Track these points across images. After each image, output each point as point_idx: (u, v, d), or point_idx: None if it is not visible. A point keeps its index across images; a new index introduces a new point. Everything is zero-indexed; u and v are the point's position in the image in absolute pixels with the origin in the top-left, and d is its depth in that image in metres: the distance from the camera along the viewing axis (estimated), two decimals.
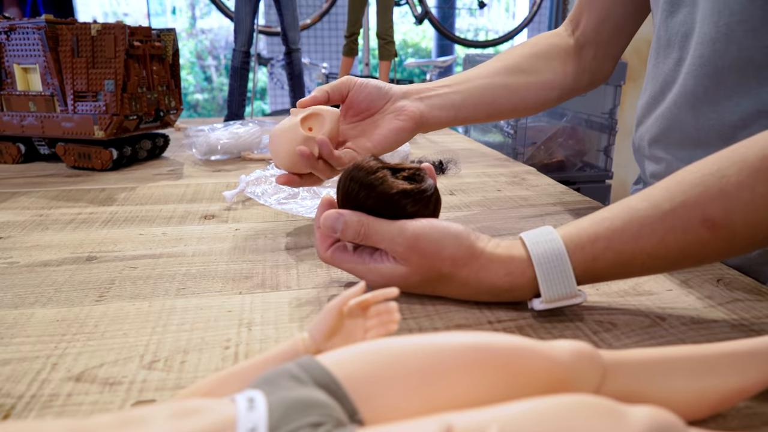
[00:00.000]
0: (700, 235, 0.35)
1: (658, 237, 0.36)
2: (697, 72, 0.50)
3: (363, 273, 0.41)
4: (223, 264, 0.49)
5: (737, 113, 0.47)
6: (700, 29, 0.49)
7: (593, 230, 0.37)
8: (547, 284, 0.37)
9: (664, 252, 0.36)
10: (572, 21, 0.68)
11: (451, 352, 0.23)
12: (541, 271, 0.37)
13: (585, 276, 0.38)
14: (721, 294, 0.43)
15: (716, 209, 0.35)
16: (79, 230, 0.58)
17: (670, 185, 0.37)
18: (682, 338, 0.37)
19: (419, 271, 0.39)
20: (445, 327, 0.38)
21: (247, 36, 1.12)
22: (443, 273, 0.39)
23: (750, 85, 0.46)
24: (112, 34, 0.80)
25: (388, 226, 0.39)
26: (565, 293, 0.37)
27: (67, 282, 0.46)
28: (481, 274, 0.38)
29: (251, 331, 0.38)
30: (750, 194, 0.34)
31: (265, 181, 0.72)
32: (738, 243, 0.36)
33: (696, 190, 0.36)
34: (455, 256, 0.38)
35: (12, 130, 0.87)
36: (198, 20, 6.20)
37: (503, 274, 0.38)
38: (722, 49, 0.47)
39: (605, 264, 0.37)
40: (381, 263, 0.40)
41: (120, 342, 0.36)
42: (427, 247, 0.38)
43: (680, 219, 0.36)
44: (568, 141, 1.63)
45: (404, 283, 0.40)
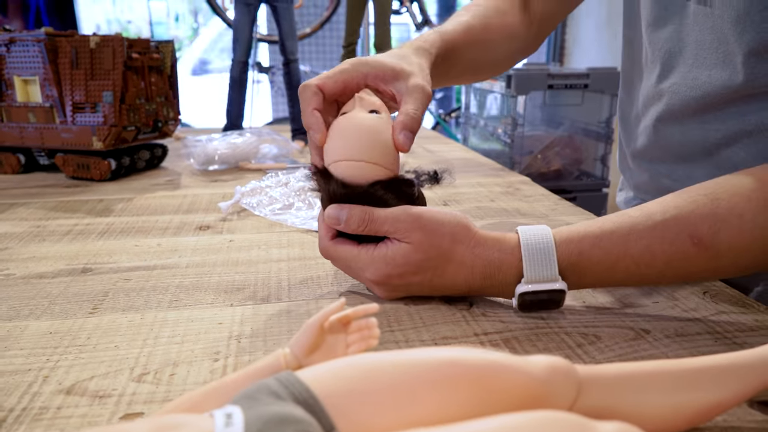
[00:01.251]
0: (686, 249, 0.37)
1: (645, 243, 0.38)
2: (685, 94, 0.50)
3: (366, 263, 0.41)
4: (216, 276, 0.50)
5: (721, 131, 0.48)
6: (693, 53, 0.50)
7: (584, 229, 0.40)
8: (530, 264, 0.39)
9: (649, 259, 0.38)
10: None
11: (426, 368, 0.24)
12: (526, 251, 0.39)
13: (570, 270, 0.39)
14: (706, 306, 0.44)
15: (705, 228, 0.37)
16: (76, 242, 0.59)
17: (666, 200, 0.39)
18: (664, 351, 0.37)
19: (421, 248, 0.40)
20: (432, 339, 0.39)
21: (246, 46, 1.13)
22: (443, 250, 0.40)
23: (736, 105, 0.46)
24: (110, 46, 0.81)
25: (391, 210, 0.41)
26: (547, 276, 0.39)
27: (62, 294, 0.46)
28: (477, 249, 0.40)
29: (240, 343, 0.39)
30: (738, 220, 0.36)
31: (260, 192, 0.72)
32: (722, 264, 0.37)
33: (689, 208, 0.37)
34: (454, 232, 0.40)
35: (12, 141, 0.88)
36: (200, 27, 6.24)
37: (496, 250, 0.40)
38: (716, 74, 0.47)
39: (591, 262, 0.39)
40: (385, 247, 0.41)
41: (111, 354, 0.37)
42: (429, 224, 0.40)
43: (669, 231, 0.37)
44: (565, 150, 1.64)
45: (405, 261, 0.40)
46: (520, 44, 0.69)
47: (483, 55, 0.64)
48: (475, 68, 0.65)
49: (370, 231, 0.41)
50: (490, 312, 0.43)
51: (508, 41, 0.67)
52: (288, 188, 0.74)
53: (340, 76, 0.46)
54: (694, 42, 0.49)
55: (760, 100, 0.45)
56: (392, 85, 0.46)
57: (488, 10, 0.65)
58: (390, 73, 0.46)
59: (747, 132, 0.46)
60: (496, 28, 0.65)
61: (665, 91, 0.53)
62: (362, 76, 0.46)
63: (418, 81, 0.46)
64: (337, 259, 0.44)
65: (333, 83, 0.45)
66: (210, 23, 5.99)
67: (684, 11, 0.50)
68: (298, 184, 0.74)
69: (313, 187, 0.45)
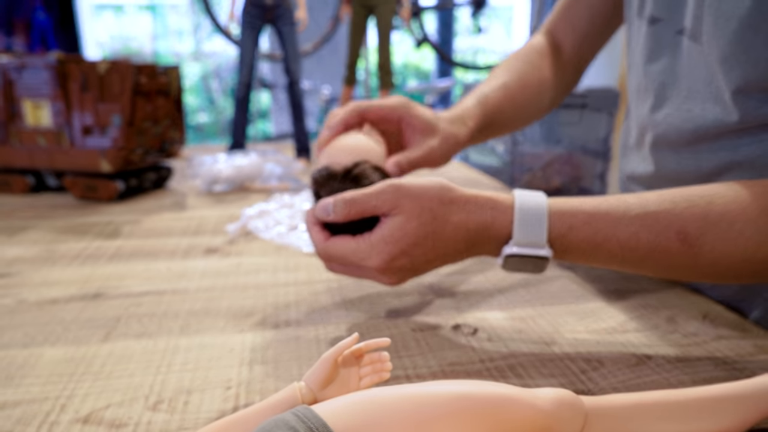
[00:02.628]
0: (671, 242, 0.39)
1: (633, 230, 0.40)
2: (679, 126, 0.51)
3: (366, 251, 0.41)
4: (226, 300, 0.51)
5: (714, 161, 0.49)
6: (686, 86, 0.51)
7: (579, 205, 0.41)
8: (521, 227, 0.40)
9: (634, 244, 0.40)
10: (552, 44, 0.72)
11: (440, 402, 0.25)
12: (519, 213, 0.40)
13: (558, 242, 0.41)
14: (706, 331, 0.44)
15: (693, 226, 0.39)
16: (86, 265, 0.60)
17: (664, 194, 0.41)
18: (666, 377, 0.38)
19: (413, 214, 0.40)
20: (439, 366, 0.40)
21: (250, 68, 1.15)
22: (435, 213, 0.40)
23: (729, 137, 0.48)
24: (119, 71, 0.82)
25: (373, 186, 0.42)
26: (535, 241, 0.40)
27: (75, 320, 0.47)
28: (469, 206, 0.41)
29: (252, 370, 0.40)
30: (727, 226, 0.38)
31: (266, 215, 0.74)
32: (700, 264, 0.39)
33: (683, 205, 0.39)
34: (440, 194, 0.41)
35: (21, 163, 0.89)
36: (202, 43, 6.29)
37: (489, 208, 0.41)
38: (709, 108, 0.48)
39: (579, 238, 0.41)
40: (379, 230, 0.41)
41: (126, 382, 0.38)
42: (413, 190, 0.40)
43: (658, 222, 0.39)
44: (565, 167, 1.65)
45: (404, 233, 0.40)
46: (554, 94, 0.71)
47: (520, 114, 0.67)
48: (511, 125, 0.68)
49: (358, 212, 0.41)
50: (494, 337, 0.44)
51: (544, 94, 0.69)
52: (292, 210, 0.75)
53: (384, 106, 0.50)
54: (687, 75, 0.51)
55: (751, 134, 0.46)
56: (414, 134, 0.51)
57: (524, 65, 0.67)
58: (421, 126, 0.51)
59: (738, 163, 0.48)
60: (532, 85, 0.67)
61: (660, 121, 0.54)
62: (398, 116, 0.51)
63: (432, 144, 0.51)
64: (337, 257, 0.43)
65: (376, 110, 0.50)
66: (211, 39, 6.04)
67: (677, 46, 0.52)
68: (303, 205, 0.75)
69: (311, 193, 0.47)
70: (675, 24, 0.52)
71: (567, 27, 0.71)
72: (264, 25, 1.16)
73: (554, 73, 0.70)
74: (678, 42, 0.52)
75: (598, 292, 0.52)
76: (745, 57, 0.43)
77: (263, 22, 1.15)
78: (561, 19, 0.72)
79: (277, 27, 1.16)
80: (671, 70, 0.53)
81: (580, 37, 0.70)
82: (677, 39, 0.52)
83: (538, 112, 0.71)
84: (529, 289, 0.53)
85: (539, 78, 0.68)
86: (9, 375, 0.39)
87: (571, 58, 0.72)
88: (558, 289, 0.53)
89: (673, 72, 0.53)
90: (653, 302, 0.50)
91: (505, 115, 0.64)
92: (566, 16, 0.71)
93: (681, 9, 0.51)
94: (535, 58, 0.69)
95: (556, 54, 0.71)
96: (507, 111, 0.64)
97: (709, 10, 0.45)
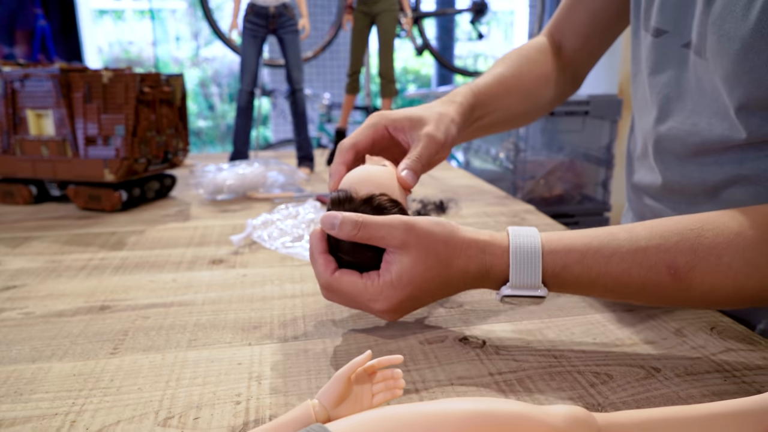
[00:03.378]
0: (662, 277, 0.40)
1: (625, 267, 0.41)
2: (685, 139, 0.52)
3: (374, 294, 0.42)
4: (232, 313, 0.51)
5: (719, 174, 0.49)
6: (692, 99, 0.51)
7: (571, 242, 0.42)
8: (516, 271, 0.42)
9: (626, 280, 0.41)
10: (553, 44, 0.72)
11: (454, 420, 0.25)
12: (514, 258, 0.42)
13: (552, 280, 0.42)
14: (714, 343, 0.45)
15: (683, 261, 0.39)
16: (92, 277, 0.60)
17: (654, 226, 0.41)
18: (675, 390, 0.38)
19: (420, 258, 0.41)
20: (448, 380, 0.40)
21: (253, 77, 1.15)
22: (441, 257, 0.42)
23: (734, 151, 0.48)
24: (123, 81, 0.83)
25: (383, 218, 0.42)
26: (530, 283, 0.42)
27: (82, 333, 0.47)
28: (470, 251, 0.42)
29: (261, 384, 0.39)
30: (716, 260, 0.39)
31: (270, 225, 0.74)
32: (692, 296, 0.40)
33: (673, 239, 0.40)
34: (446, 237, 0.42)
35: (24, 173, 0.90)
36: (201, 49, 6.30)
37: (487, 254, 0.42)
38: (716, 123, 0.49)
39: (573, 275, 0.42)
40: (387, 273, 0.42)
41: (135, 397, 0.38)
42: (422, 231, 0.41)
43: (649, 258, 0.40)
44: (567, 175, 1.66)
45: (411, 279, 0.41)
46: (555, 90, 0.71)
47: (517, 105, 0.67)
48: (511, 117, 0.68)
49: (364, 236, 0.41)
50: (503, 350, 0.44)
51: (543, 89, 0.69)
52: (297, 220, 0.75)
53: (368, 132, 0.51)
54: (692, 90, 0.51)
55: (757, 149, 0.46)
56: (408, 134, 0.51)
57: (521, 59, 0.68)
58: (407, 123, 0.51)
59: (743, 176, 0.48)
60: (529, 77, 0.67)
61: (664, 133, 0.54)
62: (383, 128, 0.51)
63: (428, 130, 0.51)
64: (341, 294, 0.43)
65: (364, 138, 0.51)
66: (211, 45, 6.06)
67: (683, 59, 0.52)
68: (308, 216, 0.75)
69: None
70: (680, 37, 0.52)
71: (568, 30, 0.71)
72: (267, 34, 1.16)
73: (555, 71, 0.70)
74: (683, 55, 0.52)
75: (605, 303, 0.52)
76: (748, 78, 0.43)
77: (266, 30, 1.15)
78: (562, 23, 0.72)
79: (280, 35, 1.16)
80: (676, 83, 0.53)
81: (581, 41, 0.71)
82: (683, 52, 0.52)
83: (540, 105, 0.71)
84: None
85: (538, 72, 0.68)
86: (18, 390, 0.39)
87: (571, 60, 0.72)
88: (565, 300, 0.53)
89: (678, 85, 0.53)
90: (660, 314, 0.50)
91: (501, 101, 0.63)
92: (568, 20, 0.71)
93: (686, 22, 0.51)
94: (534, 54, 0.69)
95: (556, 54, 0.72)
96: (503, 97, 0.64)
97: (713, 29, 0.45)
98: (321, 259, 0.44)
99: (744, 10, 0.42)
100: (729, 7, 0.44)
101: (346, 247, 0.43)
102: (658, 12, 0.53)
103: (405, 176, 0.47)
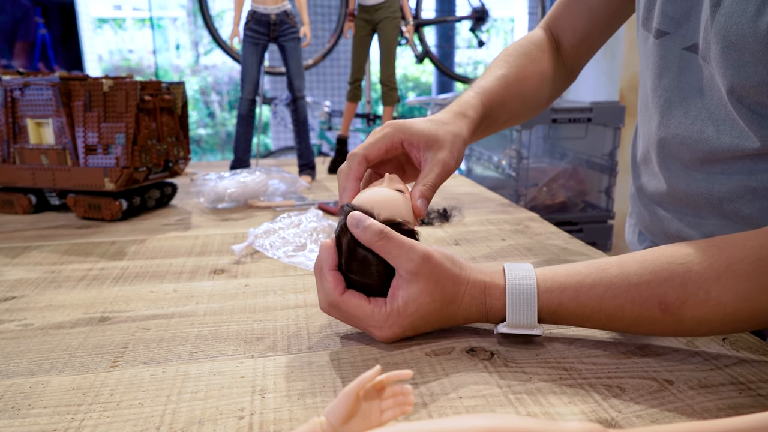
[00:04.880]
0: (653, 313, 0.41)
1: (618, 303, 0.42)
2: (692, 146, 0.51)
3: (380, 321, 0.43)
4: (235, 324, 0.50)
5: (727, 185, 0.48)
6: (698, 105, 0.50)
7: (565, 280, 0.43)
8: (513, 312, 0.43)
9: (620, 316, 0.42)
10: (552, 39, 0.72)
11: None
12: (510, 300, 0.43)
13: (548, 316, 0.44)
14: (727, 354, 0.44)
15: (673, 296, 0.40)
16: (92, 288, 0.59)
17: (645, 260, 0.42)
18: (690, 404, 0.37)
19: (427, 289, 0.42)
20: (456, 392, 0.39)
21: (254, 85, 1.15)
22: (446, 292, 0.43)
23: (744, 162, 0.47)
24: (123, 89, 0.82)
25: (406, 239, 0.43)
26: (526, 323, 0.43)
27: (81, 346, 0.46)
28: (473, 291, 0.44)
29: (264, 399, 0.39)
30: (705, 295, 0.39)
31: (272, 233, 0.73)
32: (683, 329, 0.41)
33: (663, 275, 0.41)
34: (455, 275, 0.44)
35: (24, 182, 0.89)
36: (201, 57, 6.32)
37: (487, 295, 0.44)
38: (725, 130, 0.48)
39: (568, 312, 0.43)
40: (394, 300, 0.43)
41: (135, 412, 0.37)
42: (437, 264, 0.43)
43: (641, 295, 0.41)
44: (570, 182, 1.65)
45: (417, 308, 0.43)
46: (555, 86, 0.71)
47: (521, 105, 0.67)
48: (511, 119, 0.67)
49: (382, 247, 0.42)
50: (511, 362, 0.43)
51: (544, 87, 0.69)
52: (300, 229, 0.74)
53: (382, 143, 0.51)
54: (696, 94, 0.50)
55: None
56: (422, 153, 0.51)
57: (524, 58, 0.67)
58: (423, 142, 0.51)
59: (752, 188, 0.47)
60: (532, 77, 0.67)
61: (669, 140, 0.53)
62: (399, 141, 0.51)
63: (443, 156, 0.51)
64: (346, 314, 0.45)
65: (377, 150, 0.51)
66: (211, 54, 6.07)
67: (685, 62, 0.51)
68: (311, 224, 0.74)
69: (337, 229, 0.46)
70: (682, 39, 0.51)
71: (566, 24, 0.71)
72: (268, 41, 1.15)
73: (553, 67, 0.70)
74: (685, 58, 0.51)
75: None
76: (755, 91, 0.42)
77: (267, 38, 1.15)
78: (560, 16, 0.71)
79: (281, 43, 1.15)
80: (678, 87, 0.52)
81: (578, 36, 0.70)
82: (684, 55, 0.51)
83: (538, 105, 0.71)
84: None
85: (538, 71, 0.68)
86: (16, 405, 0.38)
87: (568, 55, 0.72)
88: None
89: (680, 89, 0.52)
90: None
91: (505, 107, 0.63)
92: (565, 14, 0.71)
93: (688, 25, 0.50)
94: (534, 51, 0.69)
95: (554, 49, 0.71)
96: (507, 102, 0.63)
97: (716, 39, 0.45)
98: (331, 277, 0.44)
99: (752, 19, 0.42)
100: (736, 14, 0.43)
101: (355, 267, 0.44)
102: (660, 13, 0.53)
103: (419, 205, 0.48)
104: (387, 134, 0.51)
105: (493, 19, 2.79)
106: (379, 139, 0.51)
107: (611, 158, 1.68)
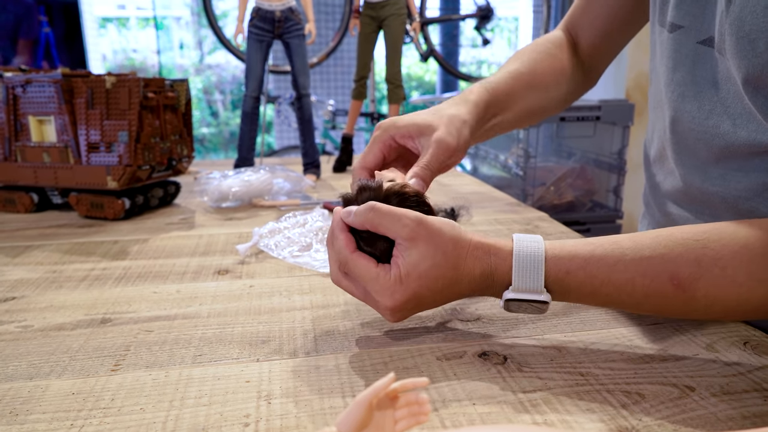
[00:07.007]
0: (665, 288, 0.39)
1: (628, 276, 0.40)
2: (710, 141, 0.49)
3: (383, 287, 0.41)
4: (239, 326, 0.49)
5: (743, 183, 0.47)
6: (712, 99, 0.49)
7: (575, 250, 0.42)
8: (519, 275, 0.41)
9: (630, 289, 0.40)
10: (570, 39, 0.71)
11: None
12: (517, 261, 0.41)
13: (555, 286, 0.42)
14: (749, 359, 0.42)
15: (686, 272, 0.39)
16: (93, 288, 0.58)
17: (659, 236, 0.41)
18: (713, 412, 0.36)
19: (428, 253, 0.41)
20: (469, 398, 0.37)
21: (258, 82, 1.14)
22: (448, 255, 0.41)
23: (762, 158, 0.45)
24: (126, 86, 0.81)
25: (395, 210, 0.41)
26: (532, 287, 0.41)
27: (82, 348, 0.45)
28: (477, 252, 0.42)
29: (271, 404, 0.37)
30: (720, 272, 0.38)
31: (277, 233, 0.71)
32: (695, 307, 0.40)
33: (677, 250, 0.39)
34: (454, 237, 0.42)
35: (26, 180, 0.88)
36: (205, 56, 6.31)
37: (492, 255, 0.42)
38: (741, 124, 0.46)
39: (576, 282, 0.41)
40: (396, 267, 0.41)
41: (137, 418, 0.36)
42: (431, 228, 0.41)
43: (653, 268, 0.39)
44: (578, 181, 1.63)
45: (419, 275, 0.41)
46: (572, 85, 0.69)
47: (534, 100, 0.65)
48: (526, 114, 0.66)
49: (373, 222, 0.41)
50: (525, 367, 0.41)
51: (559, 84, 0.67)
52: (305, 228, 0.73)
53: (375, 147, 0.50)
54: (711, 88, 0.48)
55: None
56: (417, 140, 0.50)
57: (537, 54, 0.66)
58: (414, 130, 0.50)
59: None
60: (545, 72, 0.65)
61: (683, 134, 0.52)
62: (390, 139, 0.51)
63: (438, 135, 0.50)
64: (353, 276, 0.43)
65: (373, 156, 0.50)
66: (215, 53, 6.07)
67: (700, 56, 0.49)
68: (316, 224, 0.73)
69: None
70: (697, 33, 0.49)
71: (584, 22, 0.69)
72: (272, 39, 1.14)
73: (571, 66, 0.68)
74: (700, 52, 0.49)
75: (630, 317, 0.50)
76: None
77: (271, 35, 1.14)
78: (579, 17, 0.70)
79: (286, 40, 1.14)
80: (692, 81, 0.50)
81: (598, 37, 0.69)
82: (699, 49, 0.49)
83: (554, 102, 0.69)
84: (558, 314, 0.51)
85: (554, 66, 0.66)
86: (14, 410, 0.37)
87: (588, 56, 0.70)
88: (588, 314, 0.50)
89: (694, 83, 0.50)
90: (690, 328, 0.47)
91: (515, 97, 0.62)
92: (584, 14, 0.69)
93: (704, 18, 0.48)
94: (550, 47, 0.68)
95: (572, 47, 0.70)
96: (517, 93, 0.62)
97: (731, 30, 0.43)
98: (343, 236, 0.43)
99: (766, 9, 0.40)
100: (750, 5, 0.41)
101: (365, 236, 0.43)
102: (675, 6, 0.51)
103: (413, 185, 0.47)
104: (377, 137, 0.51)
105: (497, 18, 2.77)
106: (372, 145, 0.51)
107: (620, 157, 1.65)
